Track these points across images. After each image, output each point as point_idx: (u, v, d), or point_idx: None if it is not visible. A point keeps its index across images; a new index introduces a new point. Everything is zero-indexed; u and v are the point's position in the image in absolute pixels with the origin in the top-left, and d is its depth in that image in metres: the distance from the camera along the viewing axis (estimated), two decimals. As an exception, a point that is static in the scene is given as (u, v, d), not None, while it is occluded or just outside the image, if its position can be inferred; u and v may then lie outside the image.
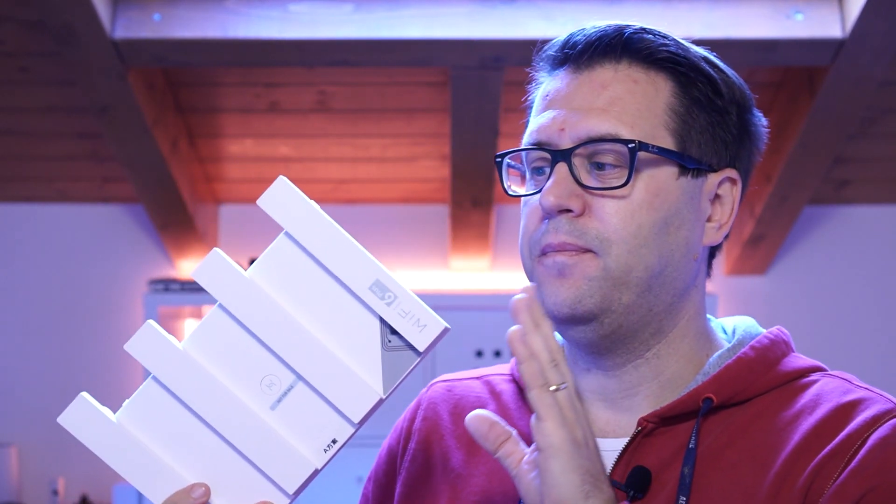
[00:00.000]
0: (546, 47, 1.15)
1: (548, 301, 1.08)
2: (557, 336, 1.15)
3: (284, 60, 3.12)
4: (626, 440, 1.09)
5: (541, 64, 1.16)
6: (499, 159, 1.14)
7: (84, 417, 1.01)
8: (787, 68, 3.23)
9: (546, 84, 1.14)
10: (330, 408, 0.99)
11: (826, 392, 1.09)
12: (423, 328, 0.99)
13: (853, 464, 1.01)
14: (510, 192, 1.14)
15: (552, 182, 1.07)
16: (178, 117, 3.49)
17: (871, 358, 3.88)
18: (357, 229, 4.23)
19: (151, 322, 1.01)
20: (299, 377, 0.99)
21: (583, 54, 1.11)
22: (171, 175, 3.44)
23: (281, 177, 1.00)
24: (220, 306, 0.99)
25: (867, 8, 2.80)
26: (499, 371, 1.25)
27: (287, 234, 0.99)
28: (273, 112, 3.49)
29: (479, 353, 3.57)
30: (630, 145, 1.06)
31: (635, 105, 1.08)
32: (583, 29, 1.12)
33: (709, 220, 1.12)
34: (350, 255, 0.98)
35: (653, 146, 1.07)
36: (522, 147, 1.12)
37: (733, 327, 1.20)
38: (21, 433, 3.82)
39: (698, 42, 1.15)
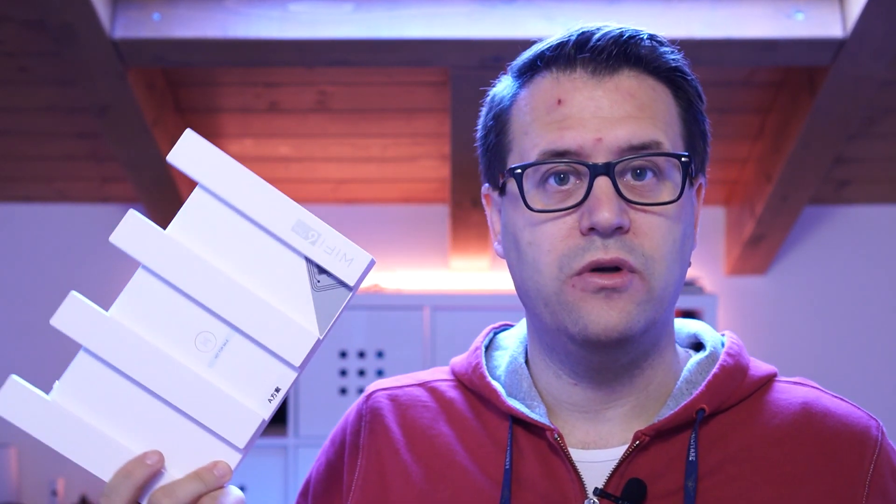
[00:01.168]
0: (540, 46, 1.09)
1: (592, 325, 1.03)
2: (514, 353, 1.14)
3: (284, 60, 3.11)
4: (611, 451, 1.08)
5: (536, 62, 1.09)
6: (519, 171, 1.06)
7: (17, 400, 0.98)
8: (788, 68, 3.23)
9: (551, 85, 1.07)
10: (269, 355, 0.97)
11: (811, 402, 1.10)
12: (350, 262, 0.97)
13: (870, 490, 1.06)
14: (536, 208, 1.05)
15: (601, 198, 1.02)
16: (178, 117, 3.48)
17: (871, 358, 3.88)
18: (357, 229, 4.23)
19: (75, 293, 0.98)
20: (234, 329, 0.97)
21: (606, 58, 1.06)
22: (170, 175, 3.44)
23: (188, 130, 0.99)
24: (144, 267, 0.97)
25: (868, 8, 2.80)
26: (439, 376, 1.20)
27: (202, 186, 0.98)
28: (273, 112, 3.49)
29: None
30: (684, 159, 1.04)
31: (661, 114, 1.06)
32: (588, 31, 1.08)
33: None
34: (269, 199, 0.97)
35: (694, 159, 1.06)
36: (548, 158, 1.04)
37: (692, 333, 1.18)
38: (21, 433, 3.78)
39: (698, 42, 1.14)
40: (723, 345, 1.15)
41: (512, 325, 1.22)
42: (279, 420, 3.55)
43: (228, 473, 0.97)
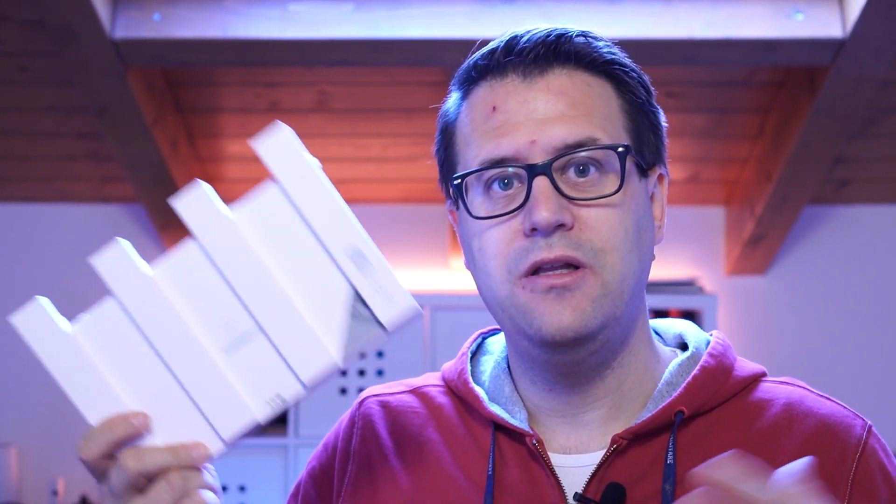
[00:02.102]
0: (474, 56, 1.09)
1: (546, 326, 1.03)
2: (492, 363, 1.14)
3: (284, 60, 3.12)
4: (590, 455, 1.08)
5: (471, 73, 1.09)
6: (458, 181, 1.07)
7: (38, 322, 0.99)
8: (788, 68, 3.23)
9: (486, 93, 1.07)
10: (283, 363, 0.97)
11: (794, 402, 1.09)
12: (394, 305, 0.96)
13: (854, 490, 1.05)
14: (479, 216, 1.06)
15: (538, 198, 1.02)
16: (178, 117, 3.48)
17: (871, 358, 3.88)
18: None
19: (122, 241, 0.98)
20: (259, 327, 0.97)
21: (534, 60, 1.06)
22: (170, 175, 3.44)
23: (281, 123, 0.97)
24: (197, 242, 0.97)
25: (867, 8, 2.80)
26: (430, 382, 1.19)
27: (278, 182, 0.96)
28: (273, 112, 3.48)
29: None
30: (619, 150, 1.04)
31: (597, 109, 1.06)
32: (518, 35, 1.08)
33: (653, 219, 1.11)
34: (336, 218, 0.96)
35: (634, 151, 1.06)
36: (488, 166, 1.05)
37: (677, 333, 1.17)
38: (21, 433, 3.81)
39: (698, 42, 1.14)
40: (707, 344, 1.13)
41: (500, 330, 1.21)
42: (279, 420, 3.55)
43: (204, 458, 0.96)
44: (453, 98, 1.12)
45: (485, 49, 1.09)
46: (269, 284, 0.96)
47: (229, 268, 0.96)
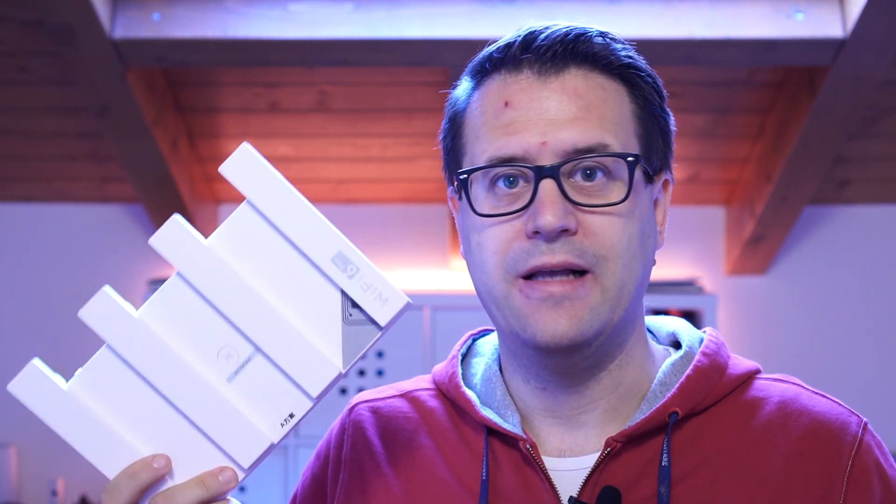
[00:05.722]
0: (490, 48, 1.08)
1: (541, 333, 1.02)
2: (485, 358, 1.13)
3: (284, 60, 3.11)
4: (585, 458, 1.07)
5: (484, 65, 1.08)
6: (464, 176, 1.06)
7: (35, 385, 0.97)
8: (788, 68, 3.23)
9: (499, 87, 1.06)
10: (288, 381, 0.96)
11: (788, 400, 1.09)
12: (384, 302, 0.96)
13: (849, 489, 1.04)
14: (483, 213, 1.05)
15: (544, 201, 1.01)
16: (178, 117, 3.48)
17: (871, 358, 3.88)
18: (357, 229, 4.23)
19: (107, 288, 0.97)
20: (257, 349, 0.96)
21: (551, 58, 1.05)
22: (170, 175, 3.44)
23: (244, 143, 0.98)
24: (179, 275, 0.96)
25: (868, 8, 2.80)
26: (421, 385, 1.19)
27: (249, 202, 0.96)
28: (273, 112, 3.48)
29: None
30: (629, 159, 1.03)
31: (611, 113, 1.05)
32: (536, 30, 1.07)
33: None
34: (313, 226, 0.96)
35: (642, 158, 1.05)
36: (495, 163, 1.04)
37: (671, 332, 1.16)
38: (21, 433, 3.81)
39: (698, 42, 1.14)
40: (701, 342, 1.13)
41: (491, 331, 1.21)
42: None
43: (234, 480, 0.96)
44: (464, 87, 1.10)
45: (501, 42, 1.08)
46: (258, 305, 0.96)
47: (216, 295, 0.96)
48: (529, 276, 1.03)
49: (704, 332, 1.15)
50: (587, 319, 1.02)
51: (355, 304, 0.96)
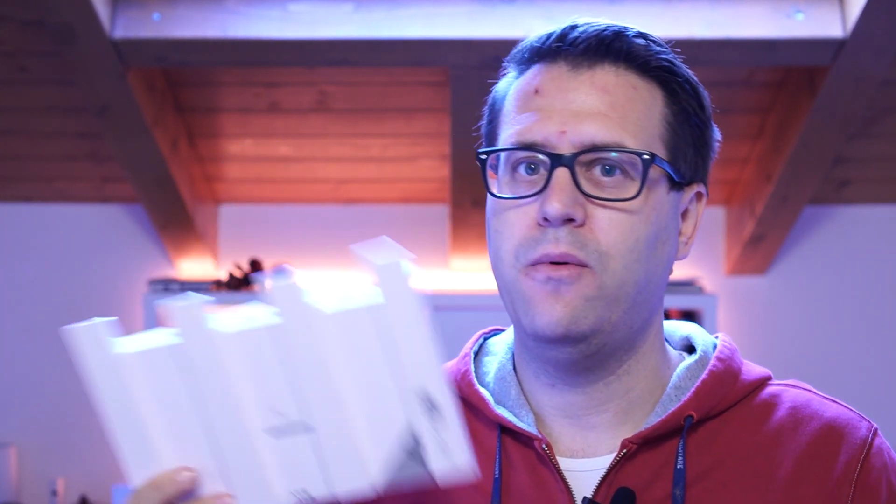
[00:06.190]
0: (532, 38, 1.09)
1: (539, 317, 1.03)
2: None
3: (284, 60, 3.12)
4: (599, 459, 1.07)
5: (524, 55, 1.09)
6: (484, 157, 1.08)
7: (96, 342, 0.95)
8: (788, 68, 3.23)
9: (533, 75, 1.07)
10: (321, 467, 0.94)
11: (799, 406, 1.10)
12: (450, 463, 0.93)
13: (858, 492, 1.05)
14: (498, 195, 1.06)
15: (554, 188, 1.02)
16: (178, 117, 3.48)
17: (871, 358, 3.88)
18: (357, 229, 4.23)
19: (203, 296, 0.94)
20: (309, 425, 0.94)
21: (585, 52, 1.06)
22: (170, 175, 3.44)
23: (411, 259, 0.92)
24: (284, 324, 0.93)
25: (868, 7, 2.80)
26: None
27: (385, 304, 0.92)
28: (273, 112, 3.49)
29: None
30: (644, 157, 1.03)
31: (636, 113, 1.05)
32: (577, 25, 1.08)
33: (679, 234, 1.10)
34: (423, 358, 0.92)
35: (660, 159, 1.04)
36: (517, 146, 1.05)
37: (684, 336, 1.17)
38: (21, 433, 3.81)
39: (698, 42, 1.13)
40: (714, 348, 1.13)
41: (503, 330, 1.21)
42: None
43: (189, 482, 0.94)
44: (508, 77, 1.11)
45: (542, 33, 1.09)
46: (330, 386, 0.93)
47: (297, 357, 0.93)
48: (535, 263, 1.03)
49: (717, 337, 1.16)
50: (581, 309, 1.02)
51: (421, 445, 0.93)
